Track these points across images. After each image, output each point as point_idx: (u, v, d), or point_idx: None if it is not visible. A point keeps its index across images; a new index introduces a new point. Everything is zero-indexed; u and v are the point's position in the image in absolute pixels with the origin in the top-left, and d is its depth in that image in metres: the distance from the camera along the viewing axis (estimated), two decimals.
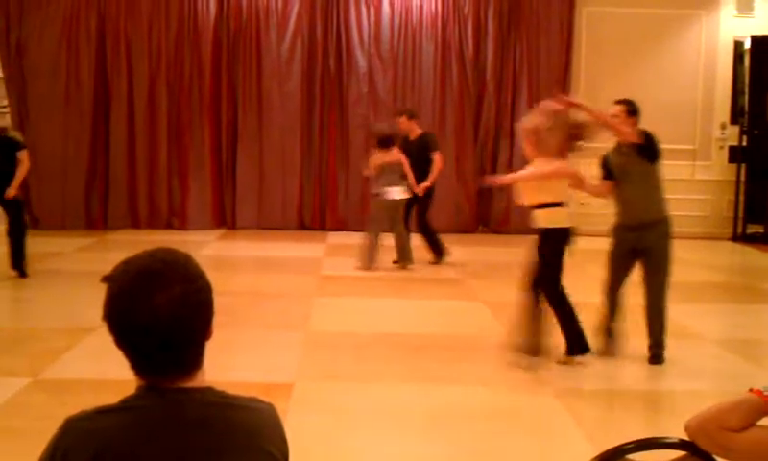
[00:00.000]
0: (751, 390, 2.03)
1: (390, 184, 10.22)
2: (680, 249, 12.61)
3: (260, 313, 8.07)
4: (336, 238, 13.09)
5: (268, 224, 13.78)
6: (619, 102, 6.69)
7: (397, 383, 5.97)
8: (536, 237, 6.46)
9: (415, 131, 10.78)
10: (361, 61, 13.85)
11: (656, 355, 6.42)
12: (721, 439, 1.99)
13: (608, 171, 6.66)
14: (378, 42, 13.87)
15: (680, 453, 2.11)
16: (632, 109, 6.61)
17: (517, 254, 10.69)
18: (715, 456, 2.06)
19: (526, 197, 6.42)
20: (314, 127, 13.90)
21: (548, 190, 6.30)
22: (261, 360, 6.48)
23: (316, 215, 14.01)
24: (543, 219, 6.37)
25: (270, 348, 6.85)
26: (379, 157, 10.32)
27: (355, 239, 12.85)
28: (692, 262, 11.98)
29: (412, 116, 10.92)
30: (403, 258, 10.51)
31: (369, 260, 10.36)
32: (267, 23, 13.72)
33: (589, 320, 6.66)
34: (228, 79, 13.75)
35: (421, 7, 13.92)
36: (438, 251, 10.80)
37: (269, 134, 13.83)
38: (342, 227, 13.83)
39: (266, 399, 1.93)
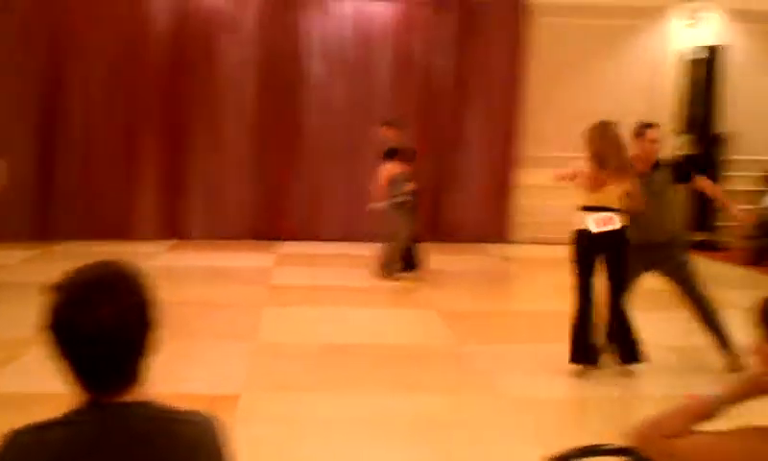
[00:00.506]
0: (689, 396, 2.06)
1: (403, 195, 10.28)
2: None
3: (209, 324, 7.98)
4: (288, 248, 13.03)
5: (219, 234, 13.64)
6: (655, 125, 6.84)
7: (347, 393, 5.94)
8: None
9: (394, 139, 10.78)
10: (316, 70, 13.81)
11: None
12: (662, 445, 2.01)
13: None
14: (333, 51, 13.83)
15: (622, 460, 2.13)
16: None
17: (470, 262, 10.84)
18: None
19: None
20: (267, 136, 13.81)
21: None
22: (209, 371, 6.39)
23: (268, 225, 13.91)
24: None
25: (218, 359, 6.77)
26: (389, 169, 10.33)
27: (307, 249, 12.85)
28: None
29: (391, 125, 10.93)
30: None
31: (391, 269, 10.38)
32: (221, 29, 13.59)
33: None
34: (180, 86, 13.57)
35: (377, 15, 13.93)
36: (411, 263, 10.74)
37: (221, 143, 13.70)
38: (295, 236, 13.75)
39: (212, 410, 1.91)
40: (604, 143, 6.39)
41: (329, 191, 13.84)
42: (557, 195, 14.15)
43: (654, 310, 7.80)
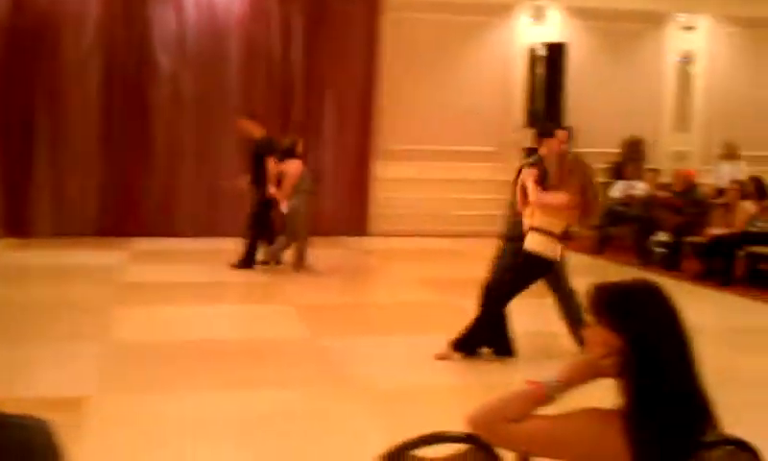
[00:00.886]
0: (528, 381, 2.13)
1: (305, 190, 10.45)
2: (483, 247, 13.15)
3: (57, 325, 7.67)
4: (140, 244, 12.69)
5: (66, 231, 13.13)
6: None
7: (201, 391, 5.86)
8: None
9: (257, 131, 10.65)
10: (164, 63, 13.50)
11: None
12: (500, 430, 2.07)
13: None
14: (182, 43, 13.53)
15: (464, 446, 2.18)
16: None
17: (329, 257, 10.86)
18: (496, 447, 2.14)
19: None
20: (114, 129, 13.39)
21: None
22: (56, 374, 6.15)
23: (117, 221, 13.50)
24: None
25: (66, 361, 6.52)
26: (296, 166, 10.47)
27: (159, 245, 12.56)
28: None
29: (254, 117, 10.83)
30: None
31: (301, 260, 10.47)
32: (64, 20, 13.06)
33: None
34: (22, 78, 12.98)
35: (226, 7, 13.73)
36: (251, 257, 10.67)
37: (66, 137, 13.19)
38: (145, 232, 13.40)
39: (60, 413, 1.84)
40: (587, 177, 6.52)
41: (182, 185, 13.58)
42: (415, 188, 14.45)
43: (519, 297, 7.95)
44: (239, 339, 7.38)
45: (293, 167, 10.43)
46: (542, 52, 14.34)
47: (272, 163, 10.48)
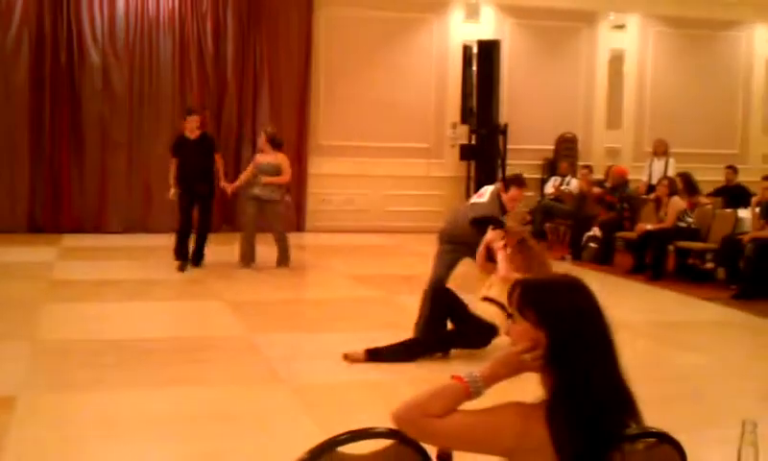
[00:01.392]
0: (453, 376, 2.13)
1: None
2: (421, 242, 13.23)
3: None
4: (71, 240, 12.45)
5: None
6: None
7: (132, 390, 5.76)
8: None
9: (195, 129, 10.44)
10: (94, 56, 13.26)
11: None
12: (425, 425, 2.07)
13: None
14: (113, 37, 13.34)
15: (390, 442, 2.17)
16: None
17: (264, 253, 10.76)
18: (421, 443, 2.14)
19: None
20: (44, 123, 13.13)
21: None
22: None
23: (48, 216, 13.25)
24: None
25: None
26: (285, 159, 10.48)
27: (92, 241, 12.35)
28: (432, 255, 12.51)
29: (195, 113, 10.68)
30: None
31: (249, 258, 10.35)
32: None
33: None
34: None
35: (158, 2, 13.55)
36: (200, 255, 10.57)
37: None
38: (77, 228, 13.17)
39: None
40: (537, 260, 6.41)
41: (114, 181, 13.38)
42: (350, 184, 14.44)
43: None
44: (171, 336, 7.28)
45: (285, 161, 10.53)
46: (476, 49, 14.45)
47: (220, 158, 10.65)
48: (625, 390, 2.09)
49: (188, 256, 10.29)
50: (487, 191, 7.50)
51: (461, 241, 7.19)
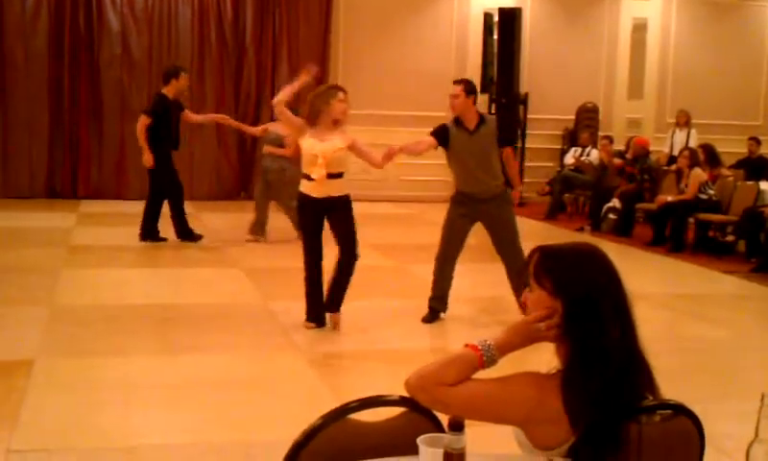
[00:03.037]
0: (466, 345, 2.10)
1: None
2: (436, 211, 13.16)
3: (2, 288, 7.51)
4: (89, 207, 12.50)
5: (13, 192, 12.91)
6: (457, 82, 6.81)
7: (148, 355, 5.79)
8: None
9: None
10: (113, 21, 13.25)
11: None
12: (438, 394, 2.05)
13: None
14: (132, 2, 13.31)
15: (401, 410, 2.16)
16: (469, 89, 6.64)
17: (281, 221, 10.76)
18: (434, 411, 2.11)
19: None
20: (63, 89, 13.15)
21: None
22: (1, 338, 6.05)
23: (67, 183, 13.30)
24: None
25: (10, 324, 6.41)
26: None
27: (110, 207, 12.39)
28: None
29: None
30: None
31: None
32: None
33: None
34: None
35: None
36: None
37: (13, 97, 12.96)
38: (96, 195, 13.22)
39: (4, 378, 1.77)
40: None
41: (132, 147, 13.33)
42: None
43: (463, 263, 7.94)
44: (188, 303, 7.29)
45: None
46: (497, 17, 14.30)
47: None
48: (642, 361, 2.06)
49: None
50: None
51: None
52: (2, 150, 12.99)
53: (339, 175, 6.38)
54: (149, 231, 9.73)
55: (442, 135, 6.74)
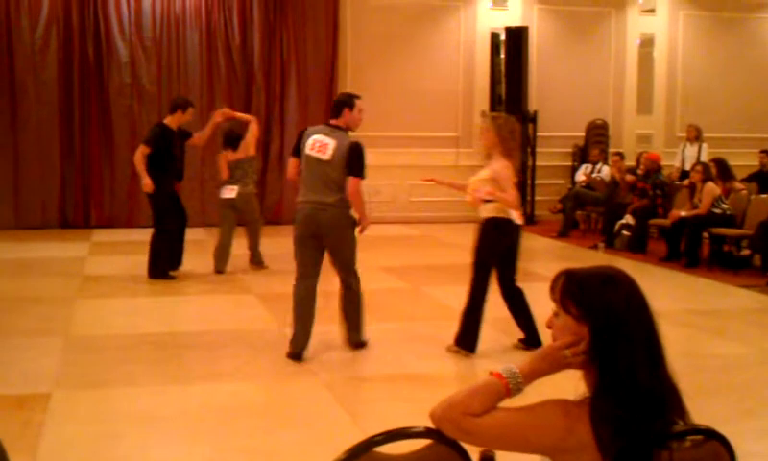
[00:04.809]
0: (491, 373, 2.07)
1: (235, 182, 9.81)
2: (447, 232, 13.15)
3: (16, 320, 7.52)
4: (102, 236, 12.52)
5: (26, 223, 12.96)
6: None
7: (164, 385, 5.77)
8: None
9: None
10: (122, 50, 13.32)
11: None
12: (465, 424, 2.01)
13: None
14: (140, 30, 13.39)
15: (427, 442, 2.12)
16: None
17: (289, 244, 10.74)
18: (461, 442, 2.08)
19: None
20: (74, 119, 13.22)
21: None
22: (17, 370, 6.03)
23: (79, 212, 13.34)
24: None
25: (27, 356, 6.39)
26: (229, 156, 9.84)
27: (123, 236, 12.39)
28: (458, 245, 12.44)
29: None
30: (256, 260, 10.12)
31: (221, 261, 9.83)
32: (18, 8, 12.88)
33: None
34: None
35: None
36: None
37: (24, 127, 13.02)
38: (108, 223, 13.26)
39: (22, 411, 1.75)
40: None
41: None
42: (378, 174, 14.35)
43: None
44: (203, 330, 7.27)
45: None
46: (504, 36, 14.32)
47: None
48: (671, 386, 2.02)
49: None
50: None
51: None
52: (14, 181, 13.04)
53: None
54: (156, 269, 9.39)
55: None
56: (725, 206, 10.77)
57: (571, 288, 2.06)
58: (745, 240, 10.64)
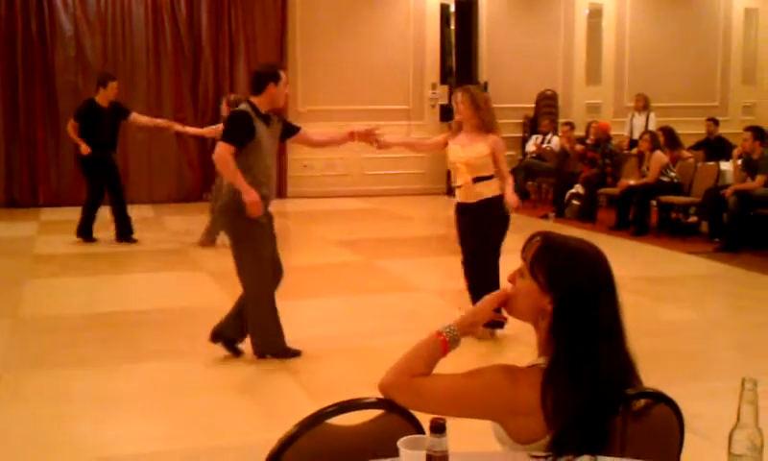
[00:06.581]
0: (435, 332, 2.10)
1: None
2: (400, 205, 13.18)
3: None
4: (50, 214, 12.32)
5: None
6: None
7: (118, 363, 5.69)
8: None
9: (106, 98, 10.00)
10: (66, 25, 13.06)
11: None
12: (413, 386, 2.02)
13: None
14: (84, 4, 13.14)
15: (379, 412, 2.13)
16: None
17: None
18: (411, 410, 2.09)
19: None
20: (18, 95, 12.95)
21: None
22: None
23: (26, 190, 13.11)
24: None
25: None
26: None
27: (72, 214, 12.20)
28: (411, 218, 12.49)
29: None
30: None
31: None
32: None
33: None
34: None
35: None
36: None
37: None
38: (56, 201, 13.03)
39: None
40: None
41: None
42: (330, 149, 14.33)
43: (429, 256, 7.98)
44: (155, 308, 7.21)
45: None
46: (453, 8, 14.31)
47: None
48: (630, 365, 2.04)
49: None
50: None
51: None
52: None
53: None
54: (83, 230, 10.02)
55: None
56: (673, 174, 10.91)
57: (545, 257, 2.05)
58: (692, 208, 10.81)
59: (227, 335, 5.72)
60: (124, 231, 9.99)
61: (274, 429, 2.10)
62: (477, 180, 6.11)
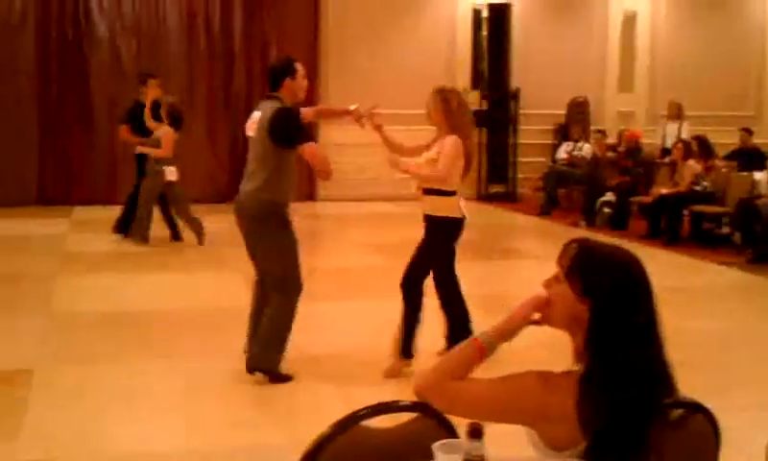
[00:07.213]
0: (472, 339, 2.10)
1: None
2: None
3: None
4: (82, 213, 12.44)
5: (5, 201, 12.82)
6: None
7: (149, 361, 5.75)
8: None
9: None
10: (101, 29, 13.21)
11: None
12: (448, 390, 2.02)
13: None
14: (119, 8, 13.28)
15: (414, 415, 2.13)
16: None
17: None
18: (446, 413, 2.09)
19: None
20: (52, 96, 13.10)
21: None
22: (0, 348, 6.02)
23: (59, 189, 13.25)
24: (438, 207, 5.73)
25: (7, 334, 6.36)
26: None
27: (103, 213, 12.31)
28: None
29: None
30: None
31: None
32: None
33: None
34: None
35: None
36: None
37: (4, 105, 12.88)
38: (88, 200, 13.16)
39: (5, 387, 1.74)
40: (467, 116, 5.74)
41: (124, 153, 13.31)
42: (361, 152, 14.34)
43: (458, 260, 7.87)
44: (187, 307, 7.26)
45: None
46: (486, 13, 14.29)
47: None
48: (667, 374, 2.03)
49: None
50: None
51: None
52: None
53: None
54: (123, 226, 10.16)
55: None
56: (705, 183, 10.82)
57: (583, 264, 2.05)
58: (725, 217, 10.71)
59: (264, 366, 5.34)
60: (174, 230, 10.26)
61: (306, 429, 2.11)
62: (427, 192, 5.73)
